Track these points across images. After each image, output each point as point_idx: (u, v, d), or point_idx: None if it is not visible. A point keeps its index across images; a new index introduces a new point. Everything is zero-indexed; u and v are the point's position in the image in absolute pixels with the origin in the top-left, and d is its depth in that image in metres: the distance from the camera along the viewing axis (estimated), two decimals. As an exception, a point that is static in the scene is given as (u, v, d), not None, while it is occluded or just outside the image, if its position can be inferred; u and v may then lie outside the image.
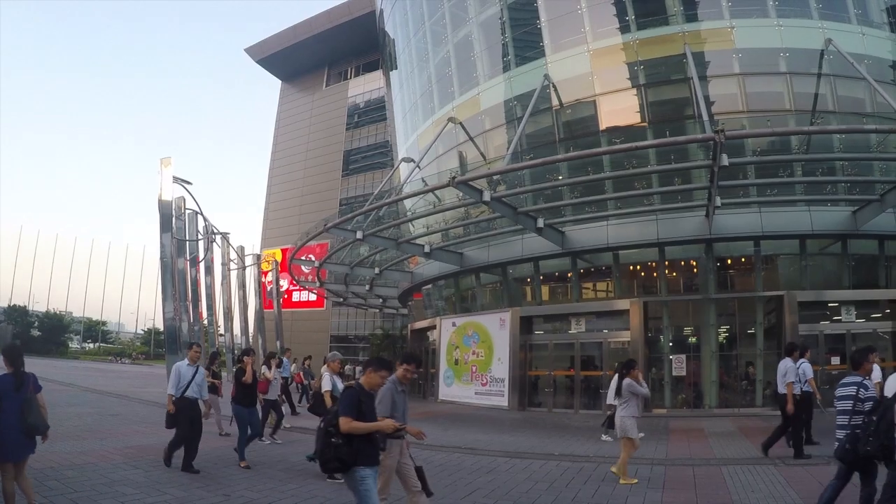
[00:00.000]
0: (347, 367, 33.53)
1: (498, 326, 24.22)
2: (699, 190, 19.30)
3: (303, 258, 35.59)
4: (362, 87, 63.04)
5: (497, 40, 25.97)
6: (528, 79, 23.74)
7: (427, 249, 24.14)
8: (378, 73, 53.14)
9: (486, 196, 18.10)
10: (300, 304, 59.64)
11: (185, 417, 9.73)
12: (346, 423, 5.12)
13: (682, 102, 22.03)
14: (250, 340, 49.31)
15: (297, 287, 50.66)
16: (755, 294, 21.27)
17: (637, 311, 21.34)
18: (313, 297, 55.53)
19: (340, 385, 10.17)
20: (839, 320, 21.06)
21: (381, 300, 38.27)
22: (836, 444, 6.65)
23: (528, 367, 24.21)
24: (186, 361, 10.21)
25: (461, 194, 18.89)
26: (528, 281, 24.96)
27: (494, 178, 20.86)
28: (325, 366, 10.77)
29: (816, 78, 21.20)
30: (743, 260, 21.87)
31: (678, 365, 21.43)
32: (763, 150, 19.81)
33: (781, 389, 11.72)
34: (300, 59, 65.70)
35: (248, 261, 48.72)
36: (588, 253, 22.61)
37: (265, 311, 48.67)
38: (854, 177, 19.96)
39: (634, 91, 22.45)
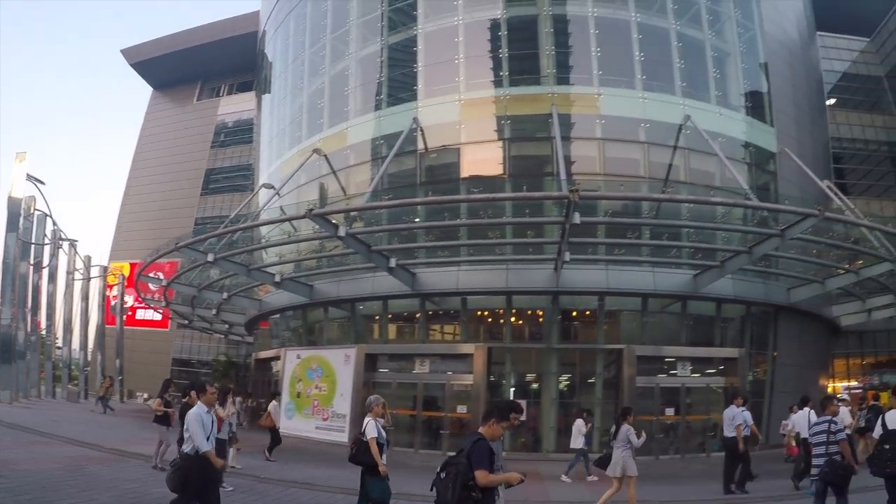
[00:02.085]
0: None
1: (342, 362, 23.80)
2: (550, 244, 20.07)
3: (151, 275, 33.92)
4: (233, 107, 61.57)
5: (373, 78, 26.19)
6: (397, 119, 23.99)
7: (278, 279, 23.63)
8: (251, 95, 52.08)
9: (342, 231, 18.01)
10: (144, 322, 56.37)
11: (202, 478, 7.63)
12: (484, 477, 5.21)
13: (543, 159, 23.00)
14: (89, 356, 46.51)
15: (143, 305, 48.05)
16: (597, 346, 22.26)
17: (481, 356, 21.59)
18: (158, 317, 52.70)
19: (383, 432, 9.01)
20: (675, 374, 22.55)
21: (227, 326, 36.90)
22: (817, 469, 8.90)
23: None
24: (204, 408, 7.92)
25: (317, 226, 18.63)
26: (377, 319, 24.78)
27: (352, 214, 20.86)
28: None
29: (672, 150, 22.90)
30: (587, 313, 22.85)
31: (519, 410, 21.90)
32: (615, 212, 20.93)
33: (727, 433, 13.54)
34: (175, 69, 63.46)
35: (95, 272, 46.40)
36: (437, 296, 22.83)
37: (107, 326, 46.14)
38: (698, 243, 21.42)
39: (499, 144, 23.28)
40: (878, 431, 8.59)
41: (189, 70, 62.83)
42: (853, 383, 38.12)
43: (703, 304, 22.77)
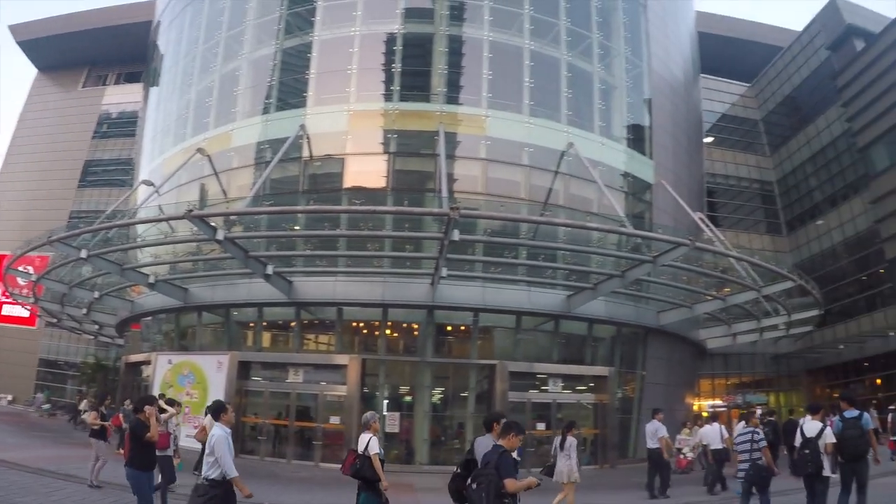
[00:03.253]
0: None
1: (215, 369, 23.06)
2: (428, 259, 20.31)
3: (20, 268, 31.83)
4: (119, 97, 58.64)
5: (264, 81, 25.76)
6: (284, 125, 23.64)
7: (152, 280, 22.69)
8: (138, 86, 49.81)
9: (220, 235, 17.61)
10: (9, 318, 52.58)
11: None
12: (513, 484, 6.07)
13: (426, 175, 23.31)
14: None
15: (10, 300, 45.06)
16: (470, 361, 22.66)
17: (355, 367, 21.51)
18: (25, 314, 49.55)
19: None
20: (546, 390, 23.20)
21: (97, 326, 35.03)
22: (741, 472, 10.70)
23: (243, 412, 23.32)
24: (227, 430, 7.66)
25: (195, 228, 18.11)
26: (251, 326, 24.27)
27: (232, 217, 20.40)
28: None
29: (554, 175, 23.67)
30: (462, 328, 23.25)
31: (392, 422, 21.94)
32: (493, 231, 21.13)
33: (651, 445, 15.44)
34: (63, 52, 59.75)
35: (-39, 262, 43.24)
36: (313, 305, 22.66)
37: (-30, 321, 43.19)
38: (572, 266, 22.14)
39: (384, 157, 23.43)
40: (798, 440, 10.23)
41: (77, 54, 59.43)
42: (718, 402, 40.52)
43: (576, 324, 23.63)
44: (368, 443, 8.81)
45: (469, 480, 6.30)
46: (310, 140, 23.16)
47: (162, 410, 12.18)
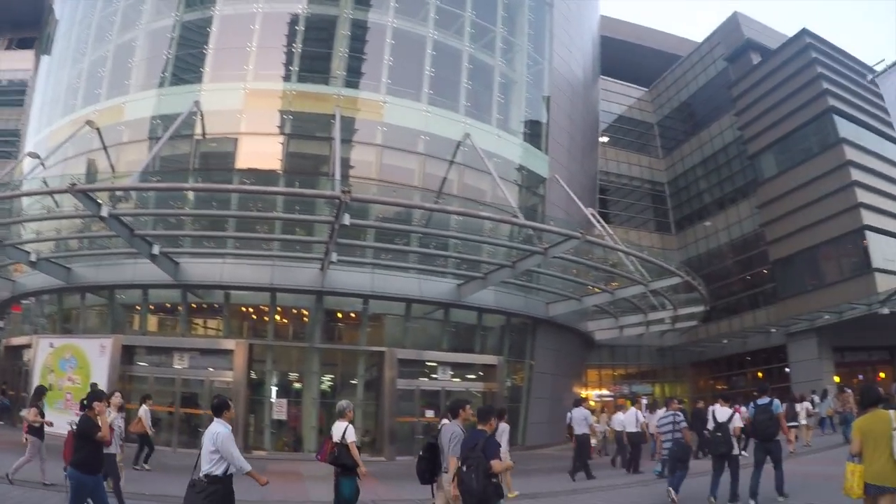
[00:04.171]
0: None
1: (98, 353, 22.12)
2: (318, 243, 20.22)
3: None
4: (8, 64, 54.44)
5: (160, 54, 24.74)
6: (178, 100, 22.89)
7: (34, 258, 21.46)
8: (30, 53, 47.06)
9: (104, 211, 16.87)
10: None
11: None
12: (499, 465, 6.81)
13: (321, 159, 23.23)
14: None
15: None
16: (359, 348, 22.74)
17: (242, 353, 21.15)
18: None
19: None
20: (436, 378, 23.46)
21: (-23, 308, 33.18)
22: (666, 451, 12.56)
23: (127, 399, 22.55)
24: (229, 427, 7.26)
25: (80, 204, 17.34)
26: (136, 308, 23.42)
27: (117, 193, 19.71)
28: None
29: (449, 164, 23.93)
30: (352, 315, 23.25)
31: (279, 409, 21.84)
32: (386, 218, 21.28)
33: (578, 431, 16.39)
34: (-47, 15, 56.00)
35: None
36: (200, 288, 22.14)
37: None
38: (464, 255, 22.46)
39: (279, 138, 23.08)
40: (710, 424, 11.36)
41: (-32, 18, 55.90)
42: (604, 391, 42.15)
43: (466, 313, 24.06)
44: (345, 431, 9.07)
45: (460, 463, 6.91)
46: (203, 117, 22.58)
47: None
